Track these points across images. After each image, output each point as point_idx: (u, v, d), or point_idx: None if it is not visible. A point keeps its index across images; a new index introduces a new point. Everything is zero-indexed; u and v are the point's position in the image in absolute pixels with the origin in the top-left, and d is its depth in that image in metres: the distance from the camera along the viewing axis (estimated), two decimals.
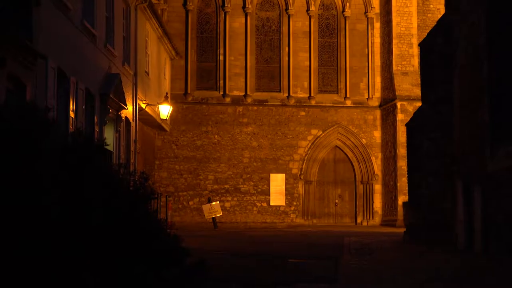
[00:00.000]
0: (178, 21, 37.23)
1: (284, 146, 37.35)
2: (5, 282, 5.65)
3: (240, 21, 37.74)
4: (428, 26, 35.32)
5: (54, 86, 16.80)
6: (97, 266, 6.42)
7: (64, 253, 6.03)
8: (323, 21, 38.78)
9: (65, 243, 6.08)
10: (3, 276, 5.65)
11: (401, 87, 36.04)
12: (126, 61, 25.29)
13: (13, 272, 5.69)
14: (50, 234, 5.94)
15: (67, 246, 6.09)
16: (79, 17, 19.40)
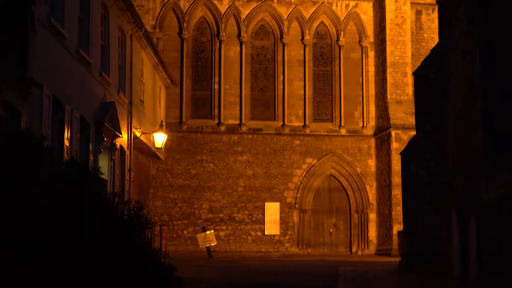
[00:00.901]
0: (174, 49, 37.35)
1: (279, 175, 37.32)
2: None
3: (235, 50, 37.88)
4: (422, 55, 35.52)
5: (49, 114, 16.77)
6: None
7: (57, 282, 5.99)
8: (317, 50, 38.95)
9: (58, 271, 6.04)
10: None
11: (395, 116, 36.13)
12: (121, 89, 25.32)
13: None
14: (43, 262, 5.90)
15: (60, 275, 6.05)
16: (75, 45, 19.44)
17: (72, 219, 6.37)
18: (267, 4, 38.29)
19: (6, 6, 14.93)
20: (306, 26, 38.41)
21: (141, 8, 35.28)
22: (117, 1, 23.87)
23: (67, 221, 6.30)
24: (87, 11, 20.85)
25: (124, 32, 25.93)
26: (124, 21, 25.59)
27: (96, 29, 21.89)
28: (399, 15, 37.17)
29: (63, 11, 18.20)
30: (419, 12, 39.40)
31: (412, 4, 38.50)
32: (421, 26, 39.31)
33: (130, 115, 26.73)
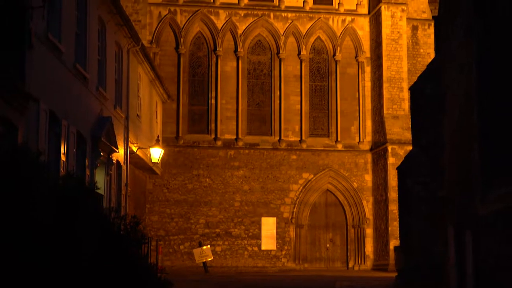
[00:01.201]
0: (170, 64, 37.42)
1: (276, 190, 37.30)
2: None
3: (231, 65, 37.95)
4: (418, 70, 35.67)
5: (45, 129, 16.78)
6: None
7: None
8: (314, 65, 39.04)
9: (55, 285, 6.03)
10: None
11: (392, 131, 36.18)
12: (118, 104, 25.34)
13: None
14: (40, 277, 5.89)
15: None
16: (72, 60, 19.47)
17: (69, 234, 6.37)
18: (263, 19, 38.40)
19: (3, 22, 14.96)
20: (302, 41, 38.51)
21: (138, 23, 35.35)
22: (114, 16, 23.94)
23: (63, 236, 6.30)
24: (84, 26, 20.91)
25: (121, 47, 25.98)
26: (121, 36, 25.65)
27: (93, 44, 21.94)
28: (395, 30, 37.29)
29: (60, 26, 18.25)
30: (415, 27, 39.56)
31: (408, 20, 38.66)
32: (417, 41, 39.45)
33: (127, 129, 26.74)
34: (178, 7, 37.69)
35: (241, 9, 38.23)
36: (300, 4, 38.83)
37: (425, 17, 39.89)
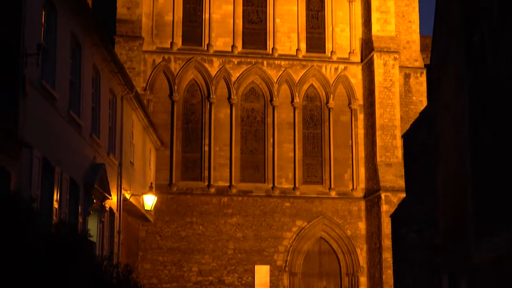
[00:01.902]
0: (164, 111, 37.50)
1: (269, 238, 37.12)
2: None
3: (225, 112, 38.06)
4: (411, 118, 35.85)
5: (38, 175, 16.73)
6: None
7: None
8: (307, 112, 39.19)
9: None
10: None
11: (385, 178, 36.19)
12: (111, 151, 25.32)
13: None
14: None
15: None
16: (66, 107, 19.50)
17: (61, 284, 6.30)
18: (257, 67, 38.63)
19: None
20: (295, 89, 38.71)
21: (132, 70, 35.52)
22: (108, 64, 24.05)
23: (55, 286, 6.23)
24: (78, 73, 20.99)
25: (115, 94, 26.06)
26: (115, 83, 25.75)
27: (87, 91, 22.01)
28: (388, 78, 37.54)
29: (54, 73, 18.32)
30: (407, 75, 39.87)
31: (401, 68, 38.97)
32: (410, 89, 39.73)
33: (120, 177, 26.68)
34: (172, 54, 37.92)
35: (235, 57, 38.48)
36: (293, 52, 39.12)
37: (417, 65, 40.22)
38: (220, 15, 38.76)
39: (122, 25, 36.70)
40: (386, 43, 37.96)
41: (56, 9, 18.54)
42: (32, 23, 16.60)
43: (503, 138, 13.29)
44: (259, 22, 39.50)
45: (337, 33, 39.75)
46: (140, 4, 37.23)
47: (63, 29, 19.21)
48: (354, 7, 39.86)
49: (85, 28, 21.18)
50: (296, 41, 39.26)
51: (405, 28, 40.61)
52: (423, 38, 41.33)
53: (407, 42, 40.49)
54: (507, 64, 13.01)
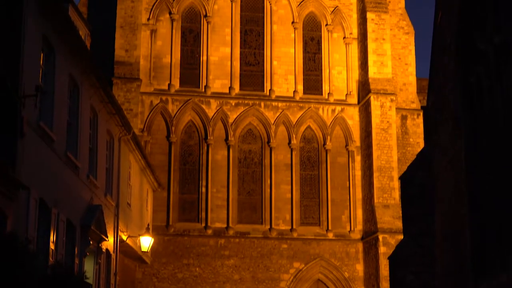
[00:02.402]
0: (161, 152, 37.52)
1: (266, 280, 36.89)
2: None
3: (222, 154, 38.08)
4: (408, 160, 35.89)
5: (35, 217, 16.70)
6: None
7: None
8: (304, 154, 39.23)
9: None
10: None
11: (382, 220, 36.11)
12: (108, 192, 25.28)
13: None
14: None
15: None
16: (63, 148, 19.52)
17: None
18: (254, 109, 38.76)
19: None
20: (293, 131, 38.80)
21: (129, 111, 35.63)
22: (106, 105, 24.14)
23: None
24: (76, 115, 21.05)
25: (113, 135, 26.10)
26: (112, 125, 25.80)
27: (85, 133, 22.05)
28: (385, 120, 37.67)
29: (52, 114, 18.37)
30: (404, 117, 40.01)
31: (398, 110, 39.12)
32: (407, 131, 39.84)
33: (117, 218, 26.60)
34: (170, 96, 38.08)
35: (232, 98, 38.63)
36: (291, 94, 39.28)
37: (414, 107, 40.40)
38: (217, 57, 39.00)
39: (120, 67, 36.91)
40: (383, 85, 38.17)
41: (54, 51, 18.67)
42: (30, 65, 16.70)
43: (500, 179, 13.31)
44: (256, 64, 39.74)
45: (334, 75, 39.99)
46: (138, 46, 37.48)
47: (61, 71, 19.32)
48: (351, 49, 40.16)
49: (83, 70, 21.30)
50: (293, 83, 39.46)
51: (401, 71, 40.87)
52: (420, 80, 41.59)
53: (403, 84, 40.72)
54: (503, 105, 13.08)
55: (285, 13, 40.14)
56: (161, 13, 38.87)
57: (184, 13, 39.42)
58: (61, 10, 18.69)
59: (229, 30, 39.39)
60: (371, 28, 38.93)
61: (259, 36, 39.96)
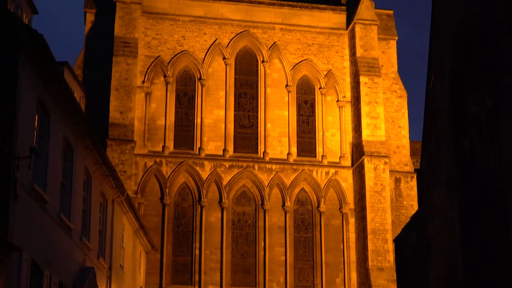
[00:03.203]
0: (155, 214, 37.37)
1: None
2: None
3: (216, 216, 37.95)
4: (402, 222, 35.84)
5: (27, 279, 16.56)
6: None
7: None
8: (298, 216, 39.12)
9: None
10: None
11: (377, 283, 35.83)
12: (101, 254, 25.11)
13: None
14: None
15: None
16: (56, 210, 19.46)
17: None
18: (248, 171, 38.78)
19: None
20: (287, 193, 38.76)
21: (123, 173, 35.60)
22: (100, 167, 24.15)
23: None
24: (69, 176, 21.05)
25: (106, 197, 26.05)
26: (106, 187, 25.78)
27: (78, 194, 22.01)
28: (379, 182, 37.71)
29: (46, 176, 18.37)
30: (398, 179, 40.07)
31: (391, 172, 39.20)
32: (401, 193, 39.86)
33: (110, 280, 26.35)
34: (164, 158, 38.12)
35: (226, 160, 38.70)
36: (284, 156, 39.39)
37: (407, 170, 40.51)
38: (212, 120, 39.21)
39: (115, 128, 37.01)
40: (376, 147, 38.33)
41: (49, 113, 18.76)
42: (25, 127, 16.77)
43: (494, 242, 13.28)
44: (250, 127, 39.94)
45: (328, 137, 40.17)
46: (133, 108, 37.66)
47: (56, 133, 19.39)
48: (344, 112, 40.43)
49: (77, 132, 21.38)
50: (287, 145, 39.60)
51: (395, 133, 41.11)
52: (413, 143, 41.80)
53: (397, 147, 40.91)
54: (496, 168, 13.14)
55: (279, 76, 40.51)
56: (156, 76, 39.20)
57: (179, 76, 39.77)
58: (56, 73, 18.85)
59: (224, 93, 39.70)
60: (364, 91, 39.30)
61: (253, 99, 40.26)
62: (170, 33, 39.80)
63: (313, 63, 40.92)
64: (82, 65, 40.40)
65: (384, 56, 42.05)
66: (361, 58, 39.96)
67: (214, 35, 40.27)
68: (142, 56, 39.04)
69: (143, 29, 39.47)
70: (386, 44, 42.60)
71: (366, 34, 40.35)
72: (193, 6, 40.41)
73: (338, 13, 41.89)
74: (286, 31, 41.05)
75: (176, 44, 39.74)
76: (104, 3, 40.51)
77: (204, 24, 40.34)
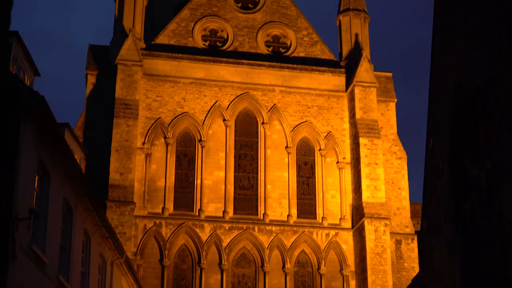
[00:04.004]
0: (154, 276, 37.06)
1: None
2: None
3: (216, 278, 37.64)
4: (403, 284, 35.56)
5: None
6: None
7: None
8: (298, 278, 38.80)
9: None
10: None
11: None
12: None
13: None
14: None
15: None
16: (55, 271, 19.31)
17: None
18: (248, 233, 38.59)
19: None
20: (287, 255, 38.51)
21: (123, 235, 35.43)
22: (99, 228, 24.05)
23: None
24: (69, 238, 20.95)
25: (105, 259, 25.88)
26: (105, 248, 25.63)
27: (77, 256, 21.86)
28: (379, 244, 37.50)
29: (45, 238, 18.28)
30: (398, 241, 39.87)
31: (392, 234, 39.00)
32: (401, 255, 39.61)
33: None
34: (163, 219, 37.99)
35: (226, 222, 38.55)
36: (284, 218, 39.24)
37: (408, 232, 40.34)
38: (212, 181, 39.19)
39: (115, 190, 36.97)
40: (376, 209, 38.23)
41: (49, 174, 18.77)
42: (25, 188, 16.75)
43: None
44: (250, 188, 39.90)
45: (328, 199, 40.09)
46: (133, 170, 37.68)
47: (56, 194, 19.37)
48: (344, 174, 40.44)
49: (77, 194, 21.36)
50: (287, 207, 39.49)
51: (395, 195, 41.07)
52: (413, 204, 41.74)
53: (397, 209, 40.82)
54: (497, 230, 13.10)
55: (278, 138, 40.66)
56: (156, 138, 39.35)
57: (179, 138, 39.91)
58: (57, 135, 18.92)
59: (224, 154, 39.79)
60: (364, 153, 39.39)
61: (253, 160, 40.32)
62: (171, 95, 40.09)
63: (312, 125, 41.11)
64: (83, 126, 40.57)
65: (384, 118, 42.29)
66: (361, 120, 40.18)
67: (215, 97, 40.56)
68: (143, 118, 39.25)
69: (144, 91, 39.79)
70: (385, 106, 42.89)
71: (365, 96, 40.65)
72: (193, 68, 40.79)
73: (338, 75, 42.26)
74: (286, 93, 41.35)
75: (177, 106, 40.00)
76: (105, 65, 40.94)
77: (204, 86, 40.66)
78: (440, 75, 16.41)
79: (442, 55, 16.33)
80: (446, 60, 15.98)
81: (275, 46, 42.92)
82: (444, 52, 16.11)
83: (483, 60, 13.44)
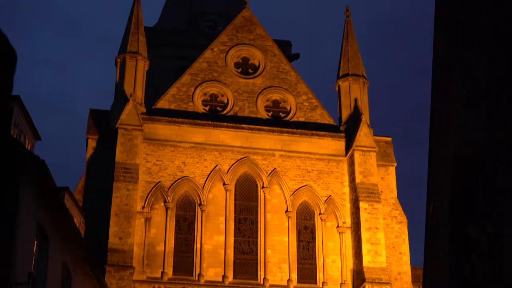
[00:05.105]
0: None
1: None
2: None
3: None
4: None
5: None
6: None
7: None
8: None
9: None
10: None
11: None
12: None
13: None
14: None
15: None
16: None
17: None
18: None
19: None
20: None
21: None
22: None
23: None
24: None
25: None
26: None
27: None
28: None
29: None
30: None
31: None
32: None
33: None
34: (163, 284, 37.65)
35: (226, 287, 38.20)
36: (285, 282, 38.90)
37: None
38: (211, 246, 38.96)
39: (114, 254, 36.72)
40: (377, 274, 37.93)
41: (48, 238, 18.71)
42: (23, 252, 16.67)
43: None
44: (250, 253, 39.65)
45: (328, 263, 39.81)
46: (132, 234, 37.49)
47: (55, 259, 19.26)
48: (345, 238, 40.24)
49: (76, 258, 21.25)
50: (288, 272, 39.18)
51: (396, 259, 40.80)
52: (414, 269, 41.40)
53: (398, 273, 40.50)
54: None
55: (278, 202, 40.57)
56: (156, 202, 39.26)
57: (179, 202, 39.83)
58: (57, 199, 18.93)
59: (223, 218, 39.65)
60: (364, 217, 39.27)
61: (253, 225, 40.15)
62: (171, 159, 40.15)
63: (312, 189, 41.06)
64: (82, 190, 40.53)
65: (384, 182, 42.26)
66: (361, 184, 40.15)
67: (215, 161, 40.61)
68: (143, 182, 39.23)
69: (144, 155, 39.86)
70: (385, 171, 42.90)
71: (365, 160, 40.71)
72: (193, 133, 40.94)
73: (337, 140, 42.39)
74: (286, 157, 41.42)
75: (177, 170, 40.02)
76: (106, 129, 41.09)
77: (204, 150, 40.75)
78: (439, 140, 16.47)
79: (441, 119, 16.42)
80: (445, 124, 16.06)
81: (275, 111, 43.18)
82: (443, 116, 16.20)
83: (483, 124, 13.52)
